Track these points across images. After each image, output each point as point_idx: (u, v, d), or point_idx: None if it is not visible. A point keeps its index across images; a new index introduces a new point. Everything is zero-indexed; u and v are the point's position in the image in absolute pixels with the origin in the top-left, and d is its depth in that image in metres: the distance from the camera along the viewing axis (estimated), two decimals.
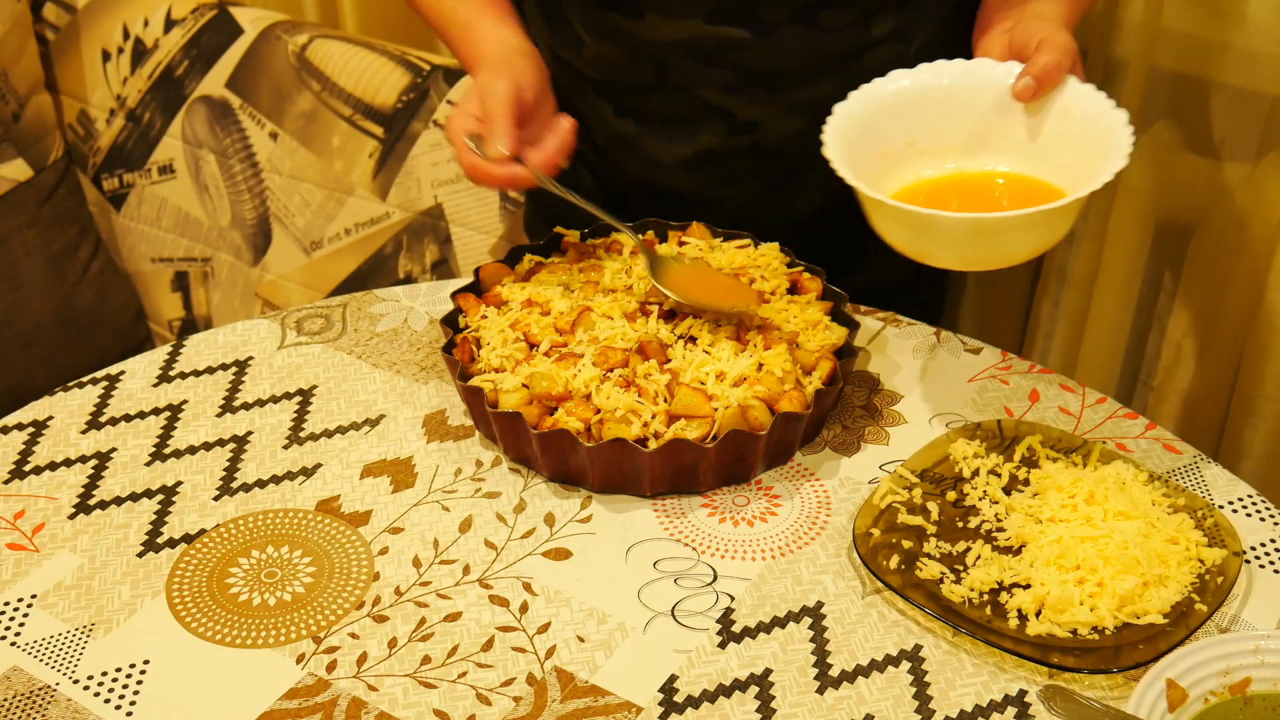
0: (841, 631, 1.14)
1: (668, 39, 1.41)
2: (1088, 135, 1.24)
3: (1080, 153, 1.23)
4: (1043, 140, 1.28)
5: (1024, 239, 1.20)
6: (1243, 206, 1.73)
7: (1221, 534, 1.17)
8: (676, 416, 1.23)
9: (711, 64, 1.42)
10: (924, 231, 1.20)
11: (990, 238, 1.19)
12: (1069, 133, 1.26)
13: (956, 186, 1.30)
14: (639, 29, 1.41)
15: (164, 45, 2.14)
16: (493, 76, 1.34)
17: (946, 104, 1.30)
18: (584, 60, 1.49)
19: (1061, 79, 1.26)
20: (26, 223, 2.11)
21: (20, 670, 1.13)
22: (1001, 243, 1.20)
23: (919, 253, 1.22)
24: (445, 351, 1.31)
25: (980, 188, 1.30)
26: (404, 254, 2.04)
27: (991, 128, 1.30)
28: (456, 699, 1.09)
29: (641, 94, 1.48)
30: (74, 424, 1.36)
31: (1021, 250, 1.21)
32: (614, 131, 1.52)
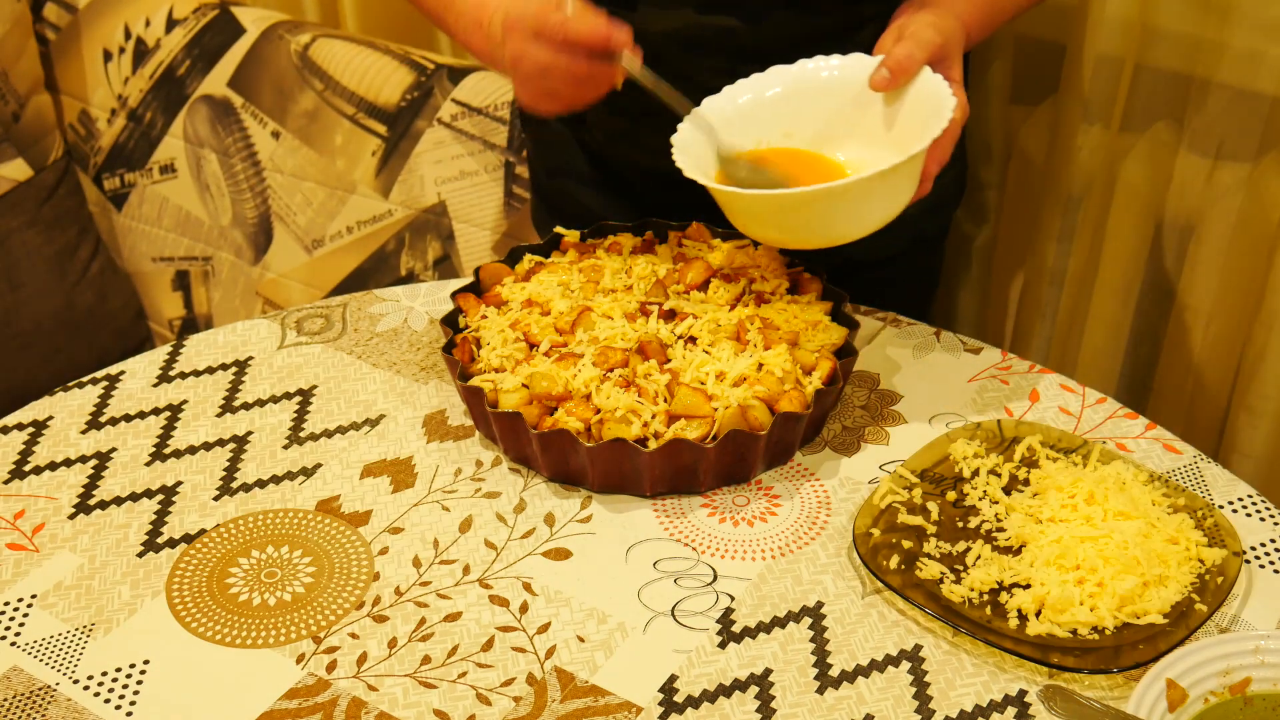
0: (841, 631, 1.14)
1: (660, 30, 1.41)
2: (920, 112, 1.27)
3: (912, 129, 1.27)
4: (896, 128, 1.31)
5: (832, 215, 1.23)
6: (1243, 206, 1.73)
7: (1221, 534, 1.17)
8: (676, 416, 1.23)
9: (704, 52, 1.43)
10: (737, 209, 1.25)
11: (795, 213, 1.23)
12: (914, 118, 1.29)
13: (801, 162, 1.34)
14: (632, 20, 1.42)
15: (166, 45, 2.14)
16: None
17: (811, 98, 1.34)
18: None
19: (916, 70, 1.28)
20: (26, 223, 2.11)
21: (20, 670, 1.13)
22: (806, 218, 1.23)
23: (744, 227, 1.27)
24: (445, 351, 1.31)
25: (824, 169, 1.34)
26: (406, 251, 2.04)
27: (849, 118, 1.33)
28: (456, 699, 1.09)
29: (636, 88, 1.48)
30: (74, 424, 1.36)
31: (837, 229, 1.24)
32: (612, 126, 1.53)
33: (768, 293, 1.36)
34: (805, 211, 1.22)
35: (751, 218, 1.27)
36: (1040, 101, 1.88)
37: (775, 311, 1.33)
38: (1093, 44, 1.73)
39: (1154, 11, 1.69)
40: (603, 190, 1.59)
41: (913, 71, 1.28)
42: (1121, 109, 1.75)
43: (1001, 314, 2.02)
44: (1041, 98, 1.87)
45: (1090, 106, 1.77)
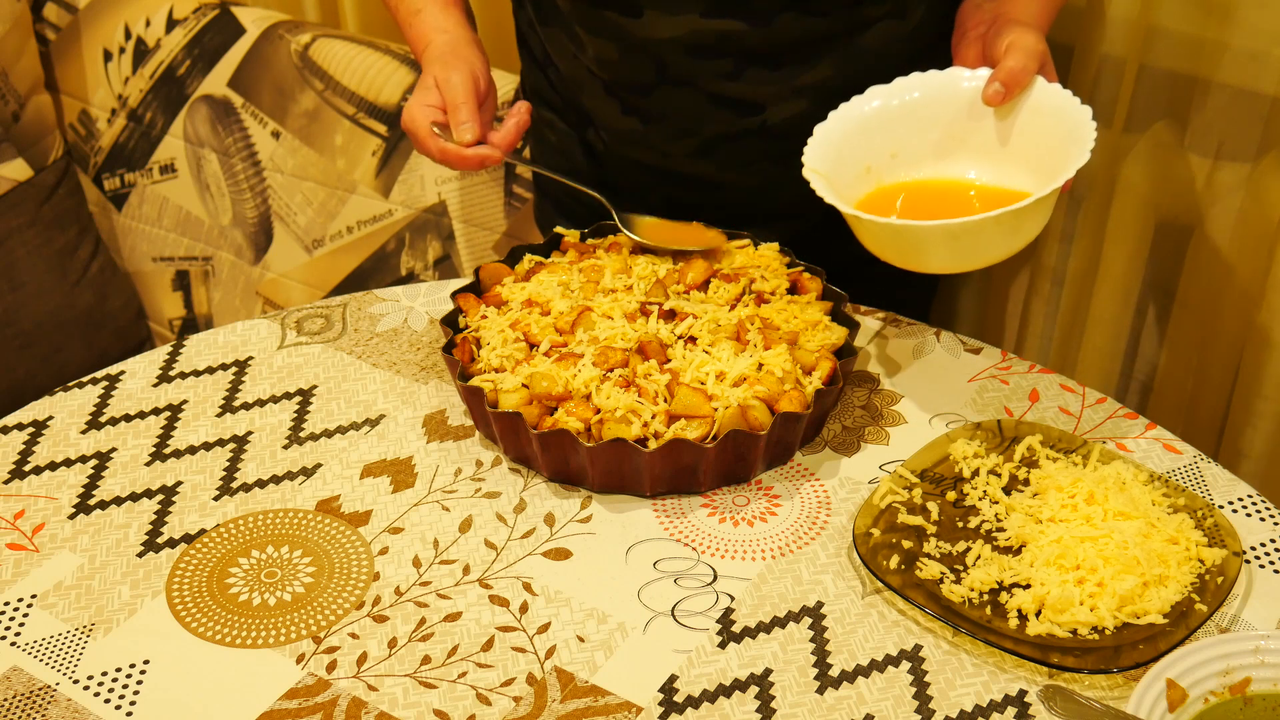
0: (841, 631, 1.14)
1: (665, 35, 1.41)
2: (1055, 133, 1.27)
3: (1049, 150, 1.27)
4: (1014, 141, 1.31)
5: (996, 239, 1.23)
6: (1243, 206, 1.73)
7: (1221, 534, 1.17)
8: (676, 416, 1.23)
9: (709, 56, 1.43)
10: (900, 240, 1.24)
11: (962, 240, 1.22)
12: (1038, 132, 1.29)
13: (932, 192, 1.34)
14: (636, 27, 1.42)
15: (166, 45, 2.14)
16: (447, 69, 1.40)
17: (923, 115, 1.34)
18: (586, 60, 1.49)
19: (1029, 82, 1.29)
20: (26, 223, 2.11)
21: (20, 670, 1.13)
22: (974, 244, 1.23)
23: (902, 260, 1.25)
24: (445, 351, 1.31)
25: (954, 192, 1.34)
26: (406, 251, 2.04)
27: (965, 133, 1.33)
28: (456, 699, 1.09)
29: (644, 92, 1.48)
30: (74, 424, 1.36)
31: (998, 250, 1.24)
32: (621, 128, 1.53)
33: (768, 293, 1.36)
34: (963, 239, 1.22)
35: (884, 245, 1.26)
36: None
37: (775, 311, 1.33)
38: (1099, 44, 1.73)
39: (1156, 12, 1.69)
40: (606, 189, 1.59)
41: (1026, 83, 1.29)
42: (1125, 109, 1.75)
43: (1001, 314, 2.02)
44: None
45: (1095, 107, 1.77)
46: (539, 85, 1.63)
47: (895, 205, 1.32)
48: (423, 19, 1.47)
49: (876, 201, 1.33)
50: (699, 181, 1.53)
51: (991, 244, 1.23)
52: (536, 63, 1.61)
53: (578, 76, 1.53)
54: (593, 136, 1.58)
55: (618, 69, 1.47)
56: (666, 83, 1.46)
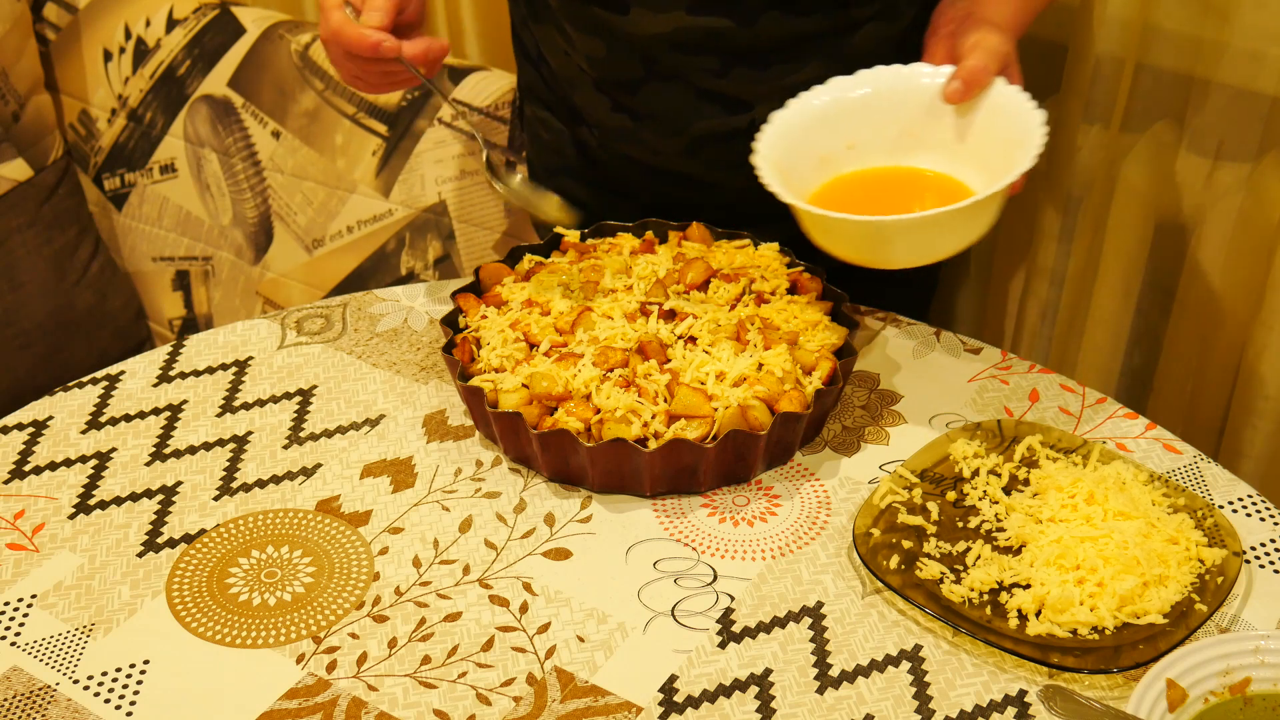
0: (841, 631, 1.14)
1: (652, 32, 1.42)
2: (1008, 134, 1.28)
3: (1001, 151, 1.27)
4: (970, 140, 1.32)
5: (936, 237, 1.24)
6: (1243, 206, 1.73)
7: (1221, 534, 1.17)
8: (676, 416, 1.23)
9: (696, 52, 1.43)
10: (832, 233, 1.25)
11: (901, 237, 1.23)
12: (993, 131, 1.30)
13: (884, 182, 1.35)
14: (623, 23, 1.42)
15: (166, 45, 2.14)
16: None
17: (882, 108, 1.34)
18: (575, 56, 1.49)
19: (988, 81, 1.30)
20: (26, 223, 2.11)
21: (20, 670, 1.13)
22: (913, 241, 1.23)
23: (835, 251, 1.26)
24: (445, 351, 1.31)
25: (907, 184, 1.34)
26: (406, 251, 2.04)
27: (923, 129, 1.34)
28: (456, 699, 1.09)
29: (633, 88, 1.48)
30: (74, 424, 1.36)
31: (938, 248, 1.25)
32: (612, 124, 1.53)
33: (768, 293, 1.36)
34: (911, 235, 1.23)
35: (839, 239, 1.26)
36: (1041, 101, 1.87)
37: (775, 311, 1.33)
38: (1094, 44, 1.73)
39: (1154, 11, 1.69)
40: (601, 189, 1.59)
41: (985, 83, 1.30)
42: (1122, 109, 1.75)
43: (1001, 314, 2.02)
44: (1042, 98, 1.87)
45: (1091, 106, 1.77)
46: (533, 83, 1.63)
47: (847, 195, 1.32)
48: None
49: (833, 192, 1.33)
50: (690, 180, 1.53)
51: (930, 241, 1.24)
52: (530, 60, 1.62)
53: (569, 74, 1.53)
54: (585, 134, 1.58)
55: (606, 65, 1.47)
56: (654, 79, 1.46)
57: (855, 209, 1.22)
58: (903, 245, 1.24)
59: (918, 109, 1.33)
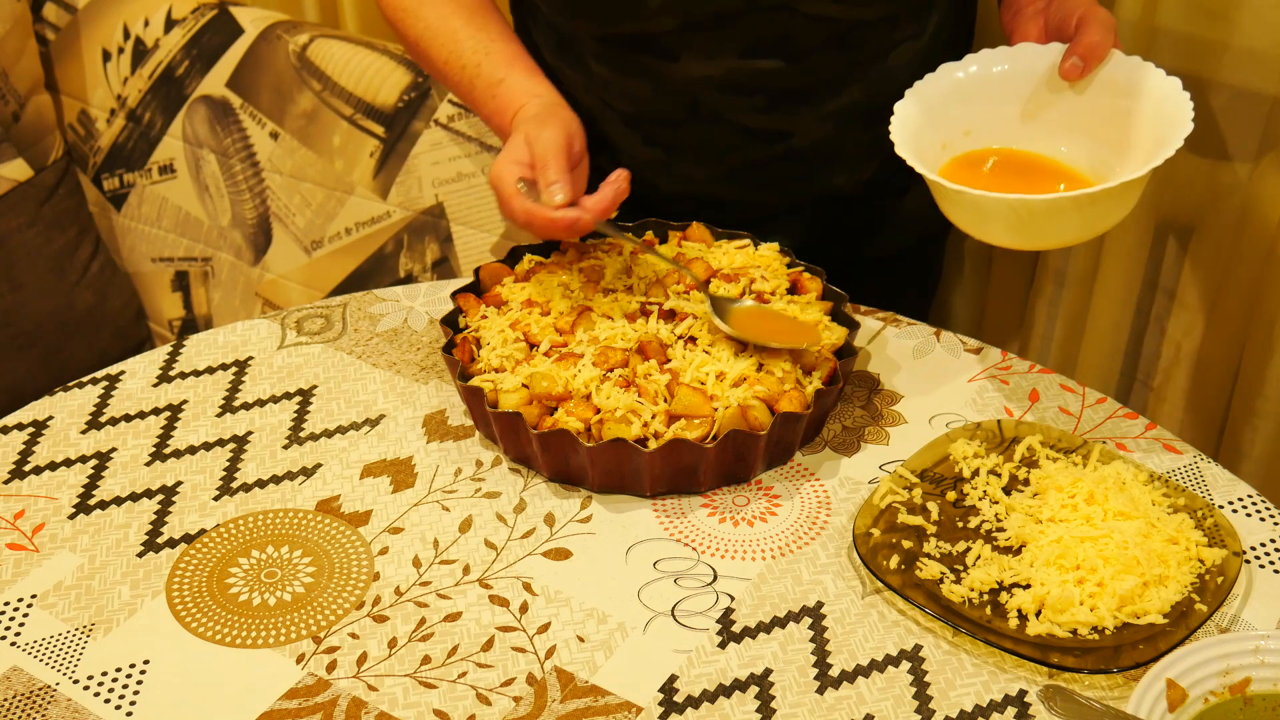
0: (841, 631, 1.14)
1: (701, 75, 1.41)
2: (1143, 109, 1.26)
3: (1138, 127, 1.26)
4: (1098, 117, 1.30)
5: (1076, 220, 1.22)
6: (1243, 206, 1.73)
7: (1221, 534, 1.17)
8: (676, 416, 1.23)
9: (743, 93, 1.42)
10: (977, 212, 1.23)
11: (1042, 218, 1.21)
12: (1122, 108, 1.28)
13: (1021, 163, 1.33)
14: (673, 69, 1.41)
15: (164, 45, 2.14)
16: (541, 125, 1.31)
17: (997, 92, 1.33)
18: (608, 96, 1.48)
19: (1106, 54, 1.29)
20: (26, 223, 2.11)
21: (20, 670, 1.13)
22: (1055, 224, 1.22)
23: (978, 231, 1.25)
24: (445, 351, 1.31)
25: (1039, 168, 1.33)
26: (405, 253, 2.04)
27: (1045, 108, 1.32)
28: (456, 699, 1.09)
29: (672, 126, 1.48)
30: (74, 424, 1.36)
31: (1077, 231, 1.24)
32: (643, 157, 1.52)
33: (768, 293, 1.35)
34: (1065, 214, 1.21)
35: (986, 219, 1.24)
36: None
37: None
38: None
39: (1155, 12, 1.69)
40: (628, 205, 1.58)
41: (1102, 57, 1.28)
42: None
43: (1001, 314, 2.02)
44: None
45: None
46: None
47: (984, 169, 1.32)
48: (509, 86, 1.39)
49: (964, 165, 1.32)
50: (716, 200, 1.52)
51: (1069, 223, 1.22)
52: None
53: (595, 109, 1.50)
54: (605, 161, 1.56)
55: (647, 105, 1.46)
56: (696, 119, 1.45)
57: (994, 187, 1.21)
58: (1054, 225, 1.22)
59: (1034, 88, 1.32)
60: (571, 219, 1.26)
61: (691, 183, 1.52)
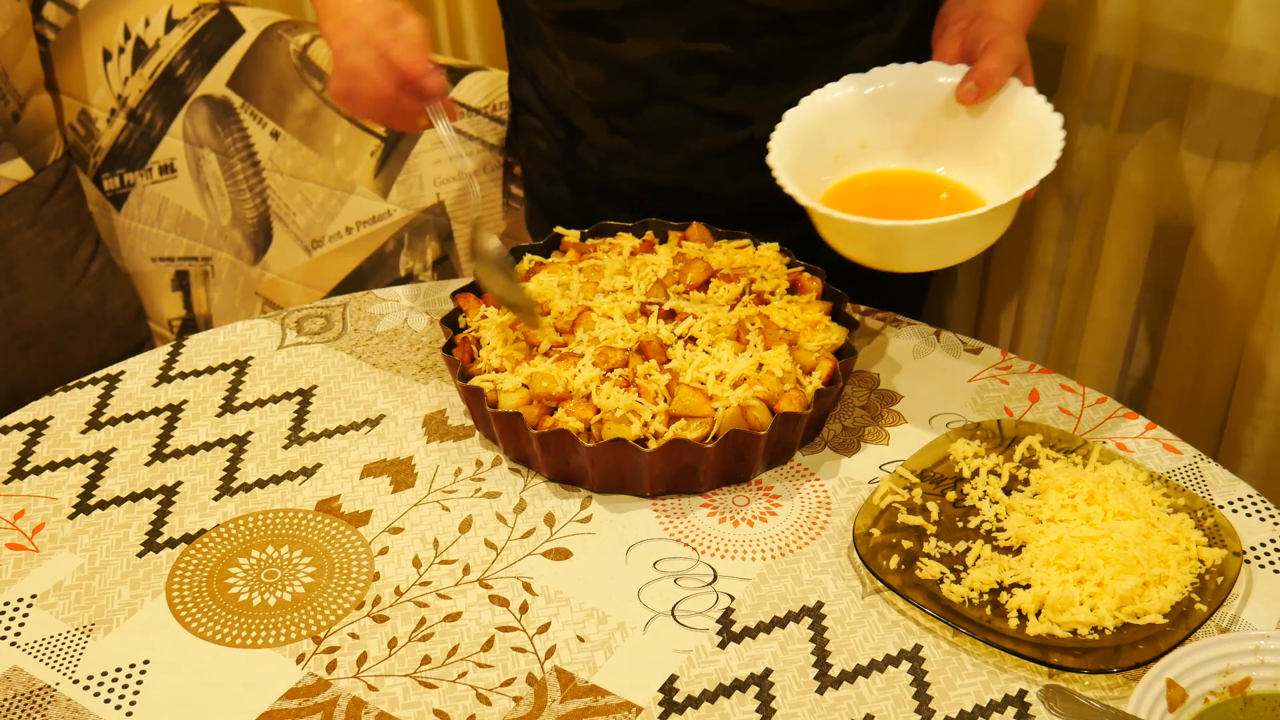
0: (841, 631, 1.14)
1: (648, 55, 1.42)
2: (1024, 137, 1.27)
3: (1017, 154, 1.27)
4: (984, 142, 1.31)
5: (952, 243, 1.23)
6: (1243, 206, 1.73)
7: (1221, 534, 1.17)
8: (676, 416, 1.23)
9: (694, 72, 1.43)
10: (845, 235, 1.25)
11: (915, 243, 1.22)
12: (1008, 135, 1.29)
13: (899, 185, 1.34)
14: (619, 50, 1.42)
15: (165, 45, 2.14)
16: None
17: (896, 107, 1.34)
18: (569, 83, 1.49)
19: (1003, 82, 1.29)
20: (26, 223, 2.11)
21: (20, 670, 1.13)
22: (927, 246, 1.23)
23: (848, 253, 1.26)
24: (445, 351, 1.31)
25: (921, 186, 1.34)
26: (405, 252, 2.04)
27: (937, 129, 1.33)
28: (456, 699, 1.09)
29: (631, 112, 1.48)
30: (74, 424, 1.36)
31: (951, 253, 1.25)
32: (610, 146, 1.53)
33: (768, 293, 1.36)
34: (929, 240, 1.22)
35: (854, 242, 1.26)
36: None
37: (775, 311, 1.33)
38: (1092, 43, 1.73)
39: (1154, 11, 1.69)
40: (600, 197, 1.59)
41: (1000, 84, 1.29)
42: (1121, 109, 1.75)
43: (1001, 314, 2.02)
44: None
45: (1090, 106, 1.77)
46: (528, 97, 1.62)
47: (861, 196, 1.32)
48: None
49: (847, 192, 1.33)
50: (691, 194, 1.53)
51: (945, 246, 1.23)
52: (525, 75, 1.61)
53: (564, 96, 1.53)
54: (584, 150, 1.57)
55: (604, 91, 1.47)
56: (653, 101, 1.46)
57: (868, 212, 1.22)
58: (917, 250, 1.24)
59: (932, 108, 1.33)
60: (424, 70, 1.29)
61: (659, 171, 1.52)
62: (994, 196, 1.28)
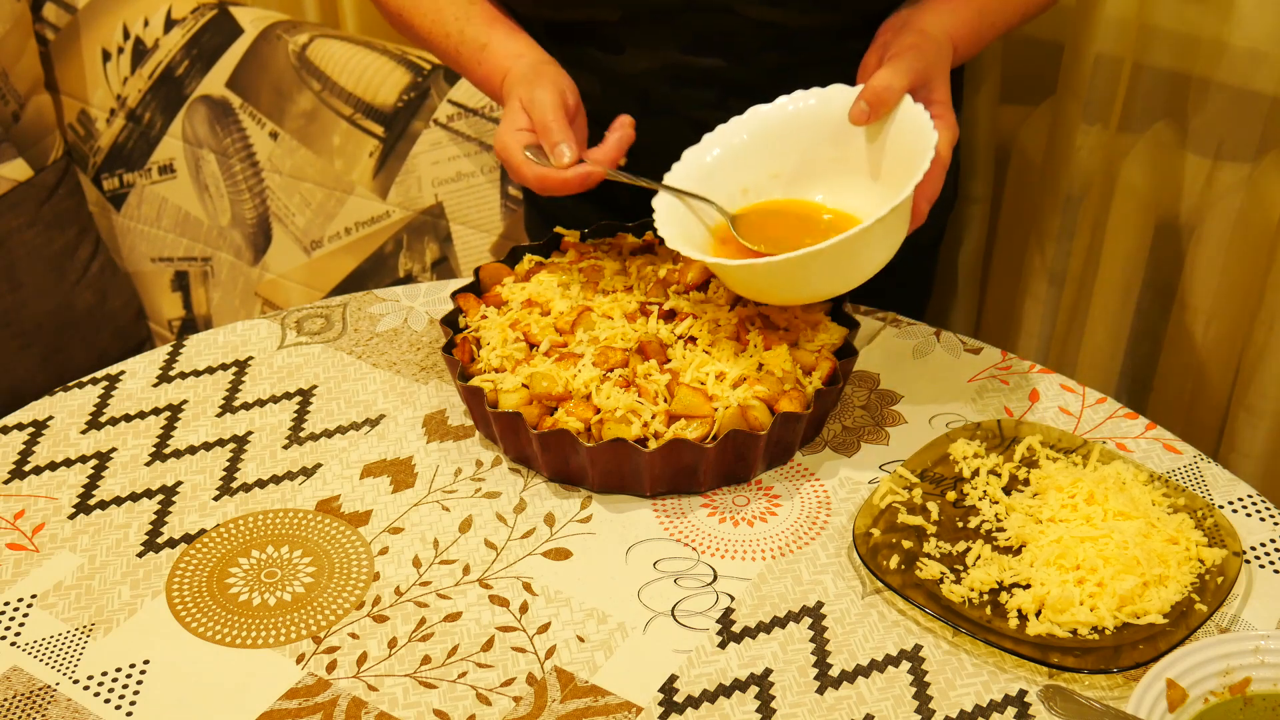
0: (841, 631, 1.14)
1: (645, 69, 1.41)
2: (904, 156, 1.24)
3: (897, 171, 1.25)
4: (875, 163, 1.29)
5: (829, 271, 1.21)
6: (1243, 206, 1.73)
7: (1221, 534, 1.17)
8: (676, 416, 1.23)
9: (692, 87, 1.43)
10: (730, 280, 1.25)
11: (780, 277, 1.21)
12: (896, 155, 1.26)
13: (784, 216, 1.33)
14: (617, 62, 1.42)
15: (164, 45, 2.14)
16: (532, 87, 1.31)
17: (802, 133, 1.32)
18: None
19: (896, 100, 1.25)
20: (26, 223, 2.11)
21: (20, 670, 1.13)
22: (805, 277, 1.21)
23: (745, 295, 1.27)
24: (445, 351, 1.31)
25: (801, 217, 1.33)
26: (404, 253, 2.04)
27: (822, 155, 1.31)
28: (456, 699, 1.09)
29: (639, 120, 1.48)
30: (74, 424, 1.36)
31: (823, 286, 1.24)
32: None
33: None
34: (802, 272, 1.21)
35: (749, 285, 1.25)
36: (1039, 101, 1.88)
37: (775, 311, 1.33)
38: (1092, 43, 1.73)
39: (1153, 11, 1.69)
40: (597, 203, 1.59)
41: (892, 103, 1.25)
42: (1121, 109, 1.75)
43: (1001, 314, 2.02)
44: (1040, 98, 1.87)
45: (1089, 106, 1.77)
46: None
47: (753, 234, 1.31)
48: (493, 50, 1.39)
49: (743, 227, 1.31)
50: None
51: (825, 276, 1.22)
52: None
53: None
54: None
55: (599, 101, 1.47)
56: (649, 114, 1.45)
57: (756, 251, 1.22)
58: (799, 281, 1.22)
59: (821, 135, 1.30)
60: (583, 174, 1.28)
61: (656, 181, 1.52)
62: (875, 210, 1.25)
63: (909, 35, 1.28)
